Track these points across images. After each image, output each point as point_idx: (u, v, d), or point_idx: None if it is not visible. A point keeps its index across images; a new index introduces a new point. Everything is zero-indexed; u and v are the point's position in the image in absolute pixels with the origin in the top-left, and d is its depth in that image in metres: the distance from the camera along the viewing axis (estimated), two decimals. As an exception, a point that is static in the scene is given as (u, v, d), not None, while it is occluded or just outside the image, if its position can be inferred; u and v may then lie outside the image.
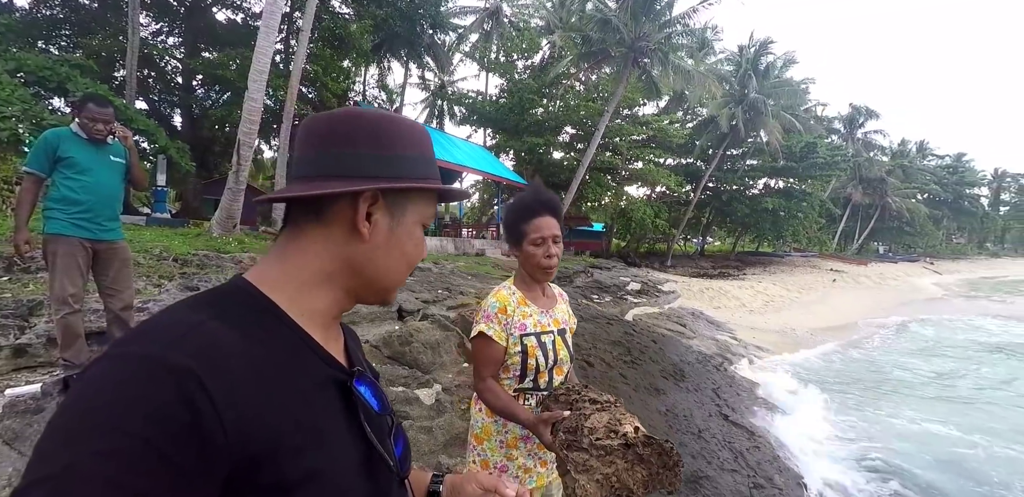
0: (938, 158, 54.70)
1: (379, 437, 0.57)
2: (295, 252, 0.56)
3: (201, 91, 16.51)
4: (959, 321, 14.72)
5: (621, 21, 15.81)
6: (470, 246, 14.58)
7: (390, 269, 0.60)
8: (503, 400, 1.33)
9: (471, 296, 6.44)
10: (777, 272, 22.63)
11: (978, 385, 7.71)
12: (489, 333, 1.37)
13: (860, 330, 12.37)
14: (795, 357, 8.55)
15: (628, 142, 21.87)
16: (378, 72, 23.01)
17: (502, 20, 24.38)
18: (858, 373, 7.91)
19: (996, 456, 4.78)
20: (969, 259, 50.74)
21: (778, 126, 22.32)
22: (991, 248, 64.33)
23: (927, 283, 26.70)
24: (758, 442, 3.77)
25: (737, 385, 5.17)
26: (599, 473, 0.99)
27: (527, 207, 1.43)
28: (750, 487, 3.06)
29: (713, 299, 13.60)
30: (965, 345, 11.03)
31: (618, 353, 4.60)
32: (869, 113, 41.13)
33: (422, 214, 0.63)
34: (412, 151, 0.60)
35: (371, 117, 0.58)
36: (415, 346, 3.65)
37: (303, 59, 10.68)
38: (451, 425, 2.65)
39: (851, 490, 3.79)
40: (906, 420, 5.67)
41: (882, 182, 38.50)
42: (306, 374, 0.51)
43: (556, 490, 1.51)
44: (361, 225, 0.56)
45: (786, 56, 24.79)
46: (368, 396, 0.58)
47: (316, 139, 0.57)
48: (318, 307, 0.57)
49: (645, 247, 27.13)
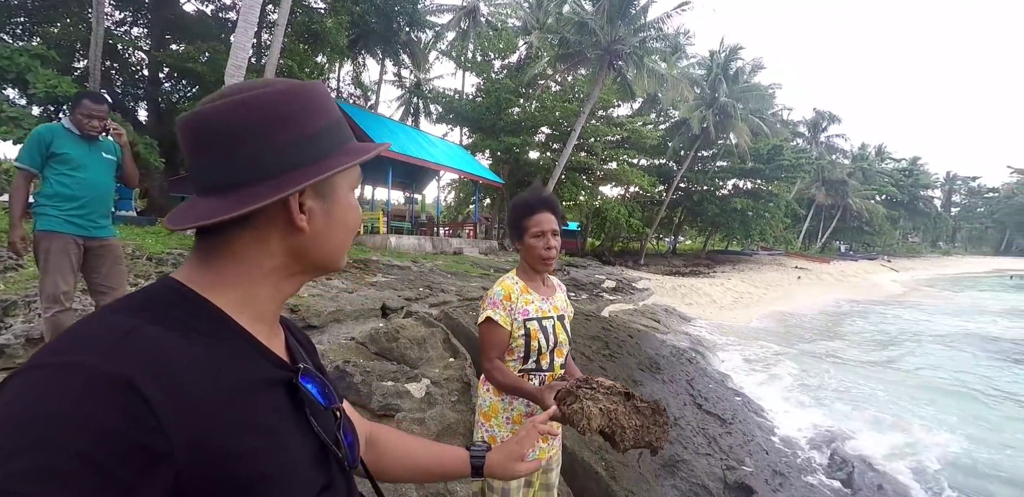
0: (895, 161, 57.36)
1: (327, 430, 0.57)
2: (225, 258, 0.53)
3: (168, 84, 16.00)
4: (892, 311, 15.60)
5: (597, 24, 16.08)
6: (447, 245, 14.60)
7: (335, 244, 0.58)
8: (509, 377, 1.47)
9: (452, 294, 6.53)
10: (746, 270, 23.41)
11: (918, 366, 8.34)
12: (496, 318, 1.50)
13: (817, 319, 12.97)
14: (760, 348, 8.94)
15: (603, 143, 22.24)
16: (353, 68, 22.73)
17: (479, 19, 24.40)
18: (814, 357, 8.35)
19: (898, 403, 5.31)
20: (923, 257, 53.42)
21: (746, 129, 23.06)
22: (943, 247, 67.93)
23: (886, 280, 28.04)
24: (729, 428, 4.01)
25: (709, 376, 5.43)
26: (602, 404, 1.12)
27: (528, 204, 1.58)
28: (723, 469, 3.27)
29: (685, 296, 14.02)
30: (909, 333, 11.71)
31: (597, 347, 4.77)
32: (832, 118, 42.95)
33: (351, 180, 0.60)
34: (322, 121, 0.54)
35: (263, 97, 0.51)
36: (402, 342, 3.72)
37: (277, 54, 10.51)
38: (443, 416, 2.75)
39: (815, 466, 4.07)
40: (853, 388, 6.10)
41: (843, 184, 40.16)
42: (252, 375, 0.49)
43: (555, 464, 1.65)
44: (299, 221, 0.53)
45: (754, 62, 25.66)
46: (314, 392, 0.57)
47: (209, 142, 0.50)
48: (259, 304, 0.55)
49: (619, 246, 27.63)
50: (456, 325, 4.18)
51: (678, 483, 3.11)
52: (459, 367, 3.46)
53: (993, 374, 8.36)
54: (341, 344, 3.73)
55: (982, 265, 49.02)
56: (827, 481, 4.00)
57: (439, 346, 3.77)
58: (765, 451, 4.03)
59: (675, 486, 3.08)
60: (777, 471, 3.76)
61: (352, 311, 4.45)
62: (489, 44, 20.80)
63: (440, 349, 3.75)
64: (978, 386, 7.54)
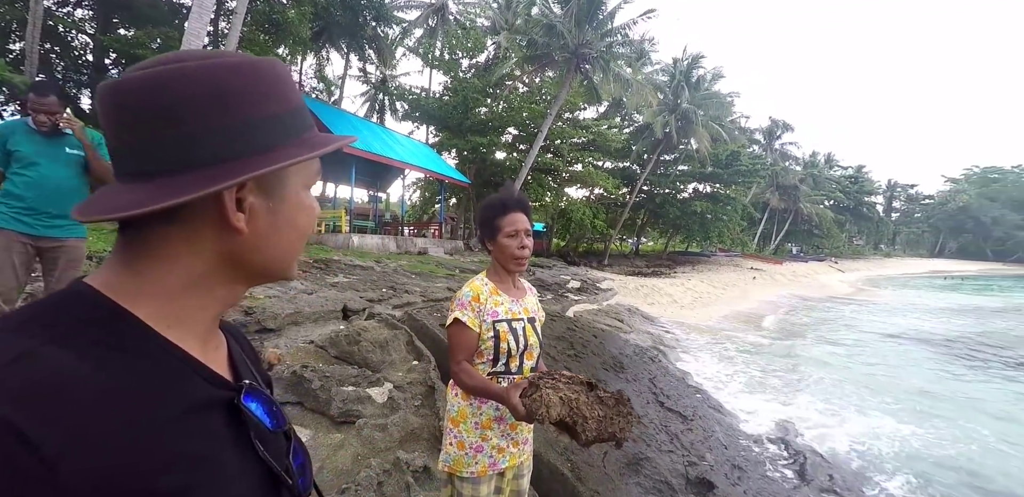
0: (842, 169, 60.72)
1: (275, 456, 0.50)
2: (150, 259, 0.44)
3: (116, 71, 15.09)
4: (841, 309, 16.51)
5: (565, 27, 16.24)
6: (412, 245, 14.40)
7: (281, 249, 0.50)
8: (476, 379, 1.44)
9: (416, 295, 6.42)
10: (705, 270, 24.16)
11: (868, 361, 8.84)
12: (463, 320, 1.47)
13: (771, 319, 13.54)
14: (719, 345, 9.24)
15: (569, 145, 22.50)
16: (316, 62, 22.09)
17: (447, 17, 24.20)
18: (770, 354, 8.71)
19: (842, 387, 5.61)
20: (866, 259, 56.60)
21: (707, 135, 23.85)
22: (884, 249, 72.29)
23: (834, 280, 29.56)
24: (690, 425, 4.11)
25: (671, 374, 5.55)
26: (563, 393, 1.09)
27: (502, 204, 1.56)
28: (685, 465, 3.35)
29: (647, 296, 14.33)
30: (858, 330, 12.40)
31: (562, 347, 4.80)
32: (786, 126, 45.11)
33: (306, 177, 0.51)
34: (276, 105, 0.46)
35: (207, 72, 0.42)
36: (363, 345, 3.62)
37: (235, 43, 10.08)
38: (406, 421, 2.68)
39: (771, 458, 4.23)
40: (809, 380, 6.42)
41: (795, 189, 42.14)
42: (182, 398, 0.42)
43: (527, 470, 1.63)
44: (234, 220, 0.44)
45: (715, 70, 26.55)
46: (260, 413, 0.50)
47: (136, 117, 0.41)
48: (191, 315, 0.46)
49: (584, 246, 28.02)
50: (420, 327, 4.10)
51: (642, 480, 3.15)
52: (423, 370, 3.39)
53: (935, 368, 8.93)
54: (299, 348, 3.60)
55: (919, 266, 52.49)
56: (782, 472, 4.16)
57: (403, 349, 3.69)
58: (724, 446, 4.15)
59: (639, 483, 3.13)
60: (736, 465, 3.87)
61: (311, 313, 4.30)
62: (457, 43, 20.65)
63: (404, 352, 3.67)
64: (923, 379, 8.04)
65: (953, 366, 9.12)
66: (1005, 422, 6.12)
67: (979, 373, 8.65)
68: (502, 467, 1.52)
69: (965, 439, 5.42)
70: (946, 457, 4.98)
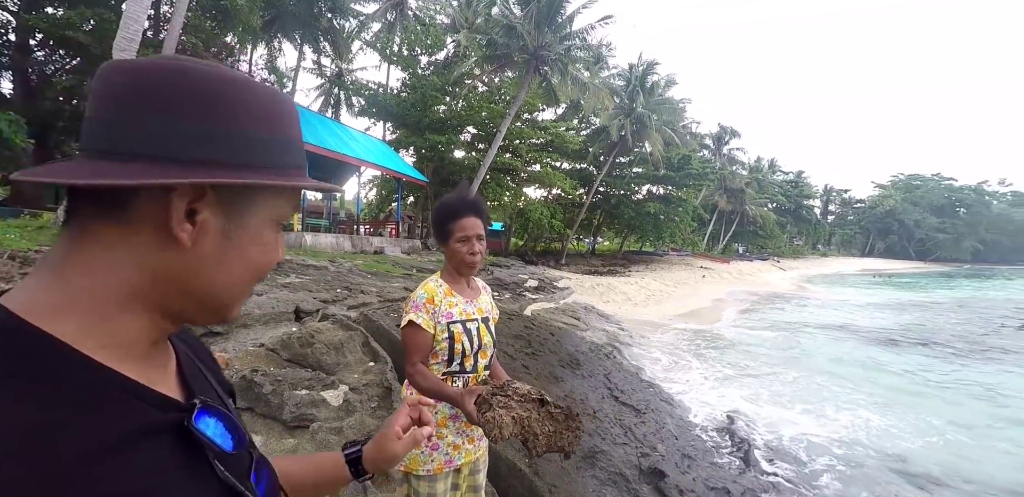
0: (784, 174, 64.29)
1: (237, 476, 0.46)
2: (81, 264, 0.40)
3: (42, 54, 13.96)
4: (783, 305, 17.59)
5: (525, 29, 16.34)
6: (368, 244, 14.09)
7: (226, 284, 0.45)
8: (431, 381, 1.45)
9: (372, 295, 6.31)
10: (657, 269, 24.99)
11: (808, 352, 9.44)
12: (418, 321, 1.48)
13: (719, 315, 14.20)
14: (671, 340, 9.61)
15: (528, 145, 22.68)
16: (268, 52, 21.19)
17: (407, 13, 23.79)
18: (719, 348, 9.15)
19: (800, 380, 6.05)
20: (805, 258, 60.14)
21: (660, 139, 24.63)
22: (821, 249, 77.08)
23: (776, 278, 31.25)
24: (643, 418, 4.27)
25: (625, 370, 5.73)
26: (515, 412, 1.14)
27: (454, 208, 1.57)
28: (638, 456, 3.48)
29: (603, 294, 14.68)
30: (799, 324, 13.22)
31: (520, 346, 4.85)
32: (733, 133, 47.33)
33: (276, 212, 0.48)
34: (265, 129, 0.44)
35: (207, 74, 0.41)
36: (317, 347, 3.53)
37: (179, 29, 9.51)
38: (362, 424, 2.65)
39: (718, 446, 4.45)
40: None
41: (742, 192, 44.26)
42: (119, 427, 0.37)
43: (483, 465, 1.65)
44: (178, 229, 0.41)
45: (668, 77, 27.47)
46: (218, 431, 0.46)
47: (119, 95, 0.40)
48: (125, 336, 0.42)
49: (542, 246, 28.34)
50: (377, 327, 4.05)
51: (597, 473, 3.25)
52: (379, 372, 3.35)
53: (869, 357, 9.69)
54: (249, 351, 3.47)
55: (852, 265, 56.28)
56: (729, 460, 4.40)
57: (358, 350, 3.63)
58: (675, 437, 4.34)
59: (595, 476, 3.22)
60: (686, 454, 4.06)
61: (262, 315, 4.15)
62: (416, 39, 20.35)
63: (359, 353, 3.61)
64: (859, 368, 8.73)
65: (886, 357, 9.91)
66: (956, 408, 6.73)
67: (907, 360, 9.45)
68: (458, 464, 1.54)
69: (901, 426, 5.91)
70: (876, 440, 5.42)
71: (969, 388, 7.73)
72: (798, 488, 4.10)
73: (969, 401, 7.13)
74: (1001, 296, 24.89)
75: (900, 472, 4.71)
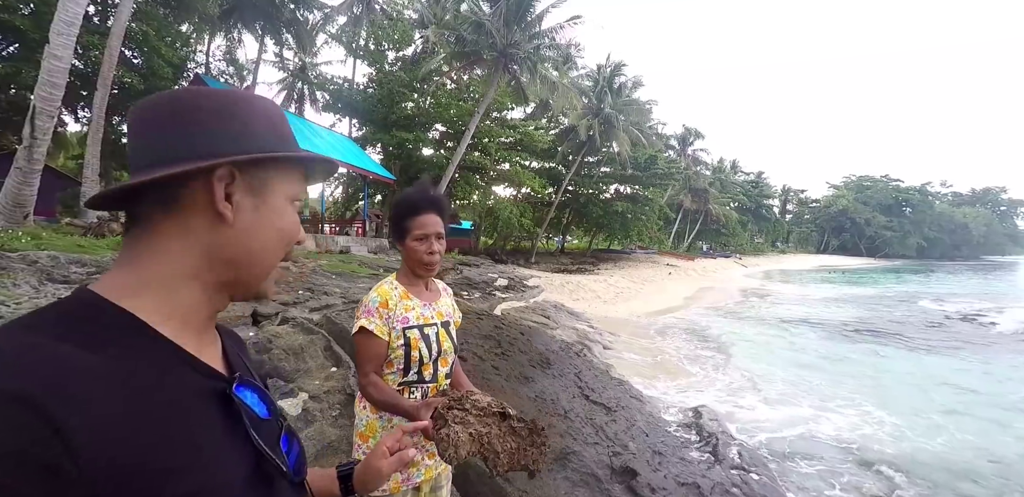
0: (745, 175, 66.49)
1: (268, 443, 0.54)
2: (148, 253, 0.50)
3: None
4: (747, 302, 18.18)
5: (494, 26, 16.23)
6: (333, 243, 13.71)
7: (265, 250, 0.56)
8: (385, 393, 1.34)
9: (336, 296, 6.10)
10: (625, 267, 25.35)
11: (774, 346, 9.76)
12: (371, 328, 1.36)
13: (687, 311, 14.52)
14: (640, 337, 9.73)
15: (497, 144, 22.56)
16: (226, 43, 20.33)
17: (373, 6, 23.26)
18: (687, 342, 9.33)
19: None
20: (766, 255, 62.36)
21: (627, 139, 25.00)
22: (780, 246, 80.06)
23: (739, 275, 32.26)
24: (614, 416, 4.25)
25: (595, 368, 5.72)
26: (473, 428, 1.02)
27: (413, 204, 1.45)
28: (610, 456, 3.44)
29: (572, 292, 14.76)
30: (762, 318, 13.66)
31: (489, 346, 4.76)
32: (697, 134, 48.54)
33: (290, 190, 0.58)
34: (266, 128, 0.55)
35: (218, 93, 0.54)
36: (275, 353, 3.35)
37: (127, 15, 8.96)
38: (322, 434, 2.51)
39: (687, 441, 4.49)
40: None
41: (705, 192, 45.48)
42: (177, 389, 0.47)
43: (445, 481, 1.55)
44: (221, 206, 0.51)
45: (635, 79, 27.88)
46: (252, 401, 0.55)
47: (150, 122, 0.51)
48: (186, 311, 0.52)
49: (511, 245, 28.28)
50: (340, 331, 3.88)
51: (570, 474, 3.20)
52: (342, 377, 3.20)
53: (828, 349, 10.12)
54: (201, 356, 3.25)
55: (809, 262, 58.66)
56: (698, 455, 4.44)
57: (319, 355, 3.46)
58: (646, 434, 4.34)
59: (567, 478, 3.16)
60: (656, 451, 4.06)
61: (218, 317, 3.92)
62: (383, 34, 19.92)
63: (321, 358, 3.45)
64: (817, 360, 9.09)
65: (846, 348, 10.33)
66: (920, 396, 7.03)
67: (861, 350, 9.87)
68: (417, 481, 1.43)
69: (866, 417, 6.10)
70: (841, 432, 5.61)
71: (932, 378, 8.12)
72: (770, 482, 4.17)
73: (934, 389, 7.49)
74: (944, 290, 26.43)
75: (863, 462, 4.88)
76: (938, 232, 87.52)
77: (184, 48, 14.84)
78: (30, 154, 6.61)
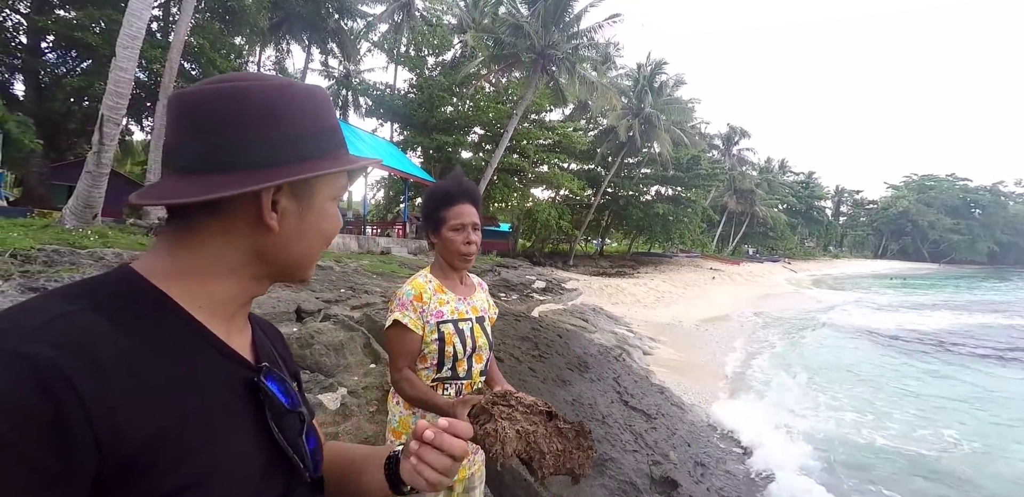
0: (795, 175, 63.52)
1: (289, 436, 0.54)
2: (189, 245, 0.51)
3: (52, 55, 14.10)
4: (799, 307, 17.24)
5: (532, 28, 16.24)
6: (375, 244, 14.03)
7: (306, 251, 0.57)
8: (419, 389, 1.30)
9: (376, 295, 6.20)
10: (666, 271, 24.70)
11: (825, 355, 9.20)
12: (404, 321, 1.34)
13: (733, 320, 13.93)
14: (682, 343, 9.41)
15: (535, 146, 22.52)
16: (276, 54, 21.31)
17: (413, 13, 23.79)
18: (735, 352, 8.94)
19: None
20: (817, 259, 59.45)
21: (669, 139, 24.39)
22: (833, 250, 75.97)
23: (784, 281, 30.82)
24: (654, 423, 4.10)
25: (634, 373, 5.56)
26: (520, 425, 0.97)
27: (448, 194, 1.42)
28: (649, 465, 3.32)
29: (611, 296, 14.48)
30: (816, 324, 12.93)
31: (526, 348, 4.70)
32: (743, 133, 46.69)
33: (333, 189, 0.58)
34: (313, 126, 0.54)
35: (261, 91, 0.51)
36: (316, 348, 3.42)
37: (186, 29, 9.52)
38: (359, 429, 2.53)
39: (731, 454, 4.28)
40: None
41: (752, 193, 43.73)
42: (200, 370, 0.47)
43: (479, 482, 1.51)
44: (268, 218, 0.51)
45: (677, 77, 27.21)
46: (276, 392, 0.54)
47: (197, 122, 0.50)
48: (220, 298, 0.52)
49: (549, 247, 28.11)
50: (379, 328, 3.92)
51: (607, 482, 3.10)
52: (380, 374, 3.23)
53: (888, 363, 9.41)
54: (246, 351, 3.37)
55: (865, 267, 55.52)
56: (742, 468, 4.21)
57: (359, 351, 3.51)
58: (687, 444, 4.17)
59: (604, 485, 3.07)
60: (699, 462, 3.89)
61: (261, 314, 4.04)
62: (423, 40, 20.32)
63: (360, 355, 3.49)
64: (875, 374, 8.48)
65: (909, 364, 9.60)
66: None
67: (931, 366, 9.15)
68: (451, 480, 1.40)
69: (937, 439, 5.56)
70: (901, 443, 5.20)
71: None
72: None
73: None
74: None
75: (922, 476, 4.50)
76: (1012, 236, 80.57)
77: (237, 59, 15.61)
78: (98, 159, 7.10)
